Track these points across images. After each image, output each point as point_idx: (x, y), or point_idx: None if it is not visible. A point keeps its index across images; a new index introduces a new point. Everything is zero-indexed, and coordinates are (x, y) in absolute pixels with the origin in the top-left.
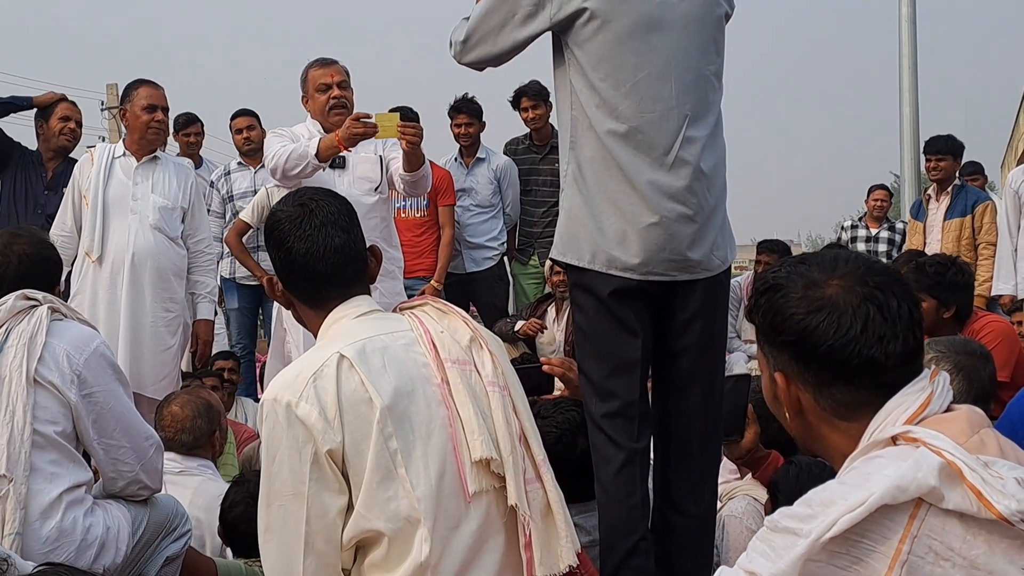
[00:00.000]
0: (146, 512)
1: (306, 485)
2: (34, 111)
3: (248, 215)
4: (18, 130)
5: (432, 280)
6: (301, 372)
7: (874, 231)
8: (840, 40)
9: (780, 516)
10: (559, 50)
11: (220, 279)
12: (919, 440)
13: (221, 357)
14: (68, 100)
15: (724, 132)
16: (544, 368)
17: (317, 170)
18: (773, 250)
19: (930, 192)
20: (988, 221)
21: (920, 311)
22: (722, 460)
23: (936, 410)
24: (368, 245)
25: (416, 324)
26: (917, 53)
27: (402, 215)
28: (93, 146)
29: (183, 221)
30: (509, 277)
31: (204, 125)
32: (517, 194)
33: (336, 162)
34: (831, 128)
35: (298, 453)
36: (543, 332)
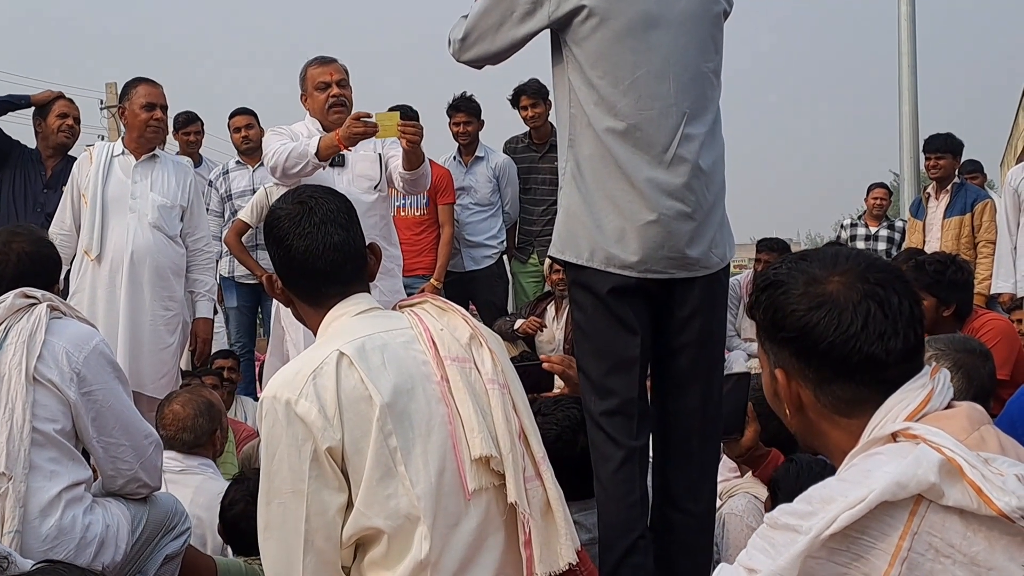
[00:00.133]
0: (145, 510)
1: (306, 483)
2: (32, 110)
3: (247, 215)
4: (17, 129)
5: (432, 279)
6: (301, 370)
7: (873, 229)
8: (840, 38)
9: (780, 513)
10: (557, 48)
11: (219, 278)
12: (919, 437)
13: (221, 356)
14: (65, 97)
15: (723, 130)
16: (544, 365)
17: (317, 169)
18: (773, 248)
19: (929, 190)
20: (987, 219)
21: (921, 308)
22: (722, 458)
23: (937, 407)
24: (367, 243)
25: (416, 322)
26: (916, 51)
27: (401, 213)
28: (92, 145)
29: (182, 219)
30: (508, 276)
31: (204, 124)
32: (516, 192)
33: (335, 160)
34: (830, 126)
35: (297, 451)
36: (542, 330)
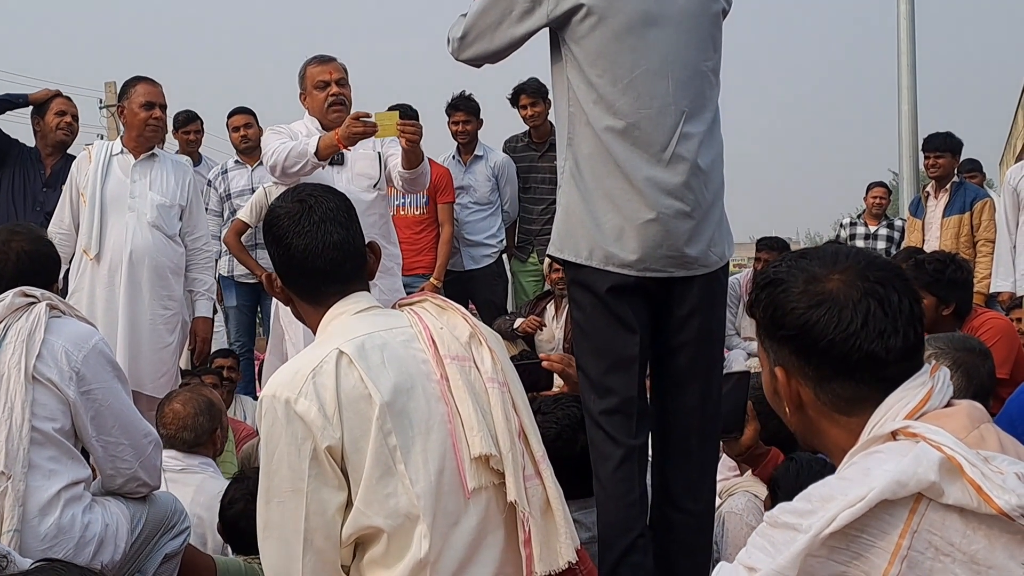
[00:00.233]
0: (145, 509)
1: (305, 482)
2: (30, 109)
3: (246, 214)
4: (16, 129)
5: (431, 278)
6: (300, 368)
7: (873, 228)
8: (839, 37)
9: (780, 511)
10: (556, 47)
11: (218, 277)
12: (919, 435)
13: (220, 355)
14: (63, 95)
15: (722, 129)
16: (543, 364)
17: (316, 168)
18: (772, 247)
19: (929, 189)
20: (987, 218)
21: (921, 306)
22: (721, 457)
23: (936, 405)
24: (367, 241)
25: (415, 320)
26: (916, 50)
27: (401, 212)
28: (91, 144)
29: (181, 219)
30: (508, 275)
31: (203, 123)
32: (515, 191)
33: (335, 159)
34: (829, 125)
35: (297, 449)
36: (542, 329)
